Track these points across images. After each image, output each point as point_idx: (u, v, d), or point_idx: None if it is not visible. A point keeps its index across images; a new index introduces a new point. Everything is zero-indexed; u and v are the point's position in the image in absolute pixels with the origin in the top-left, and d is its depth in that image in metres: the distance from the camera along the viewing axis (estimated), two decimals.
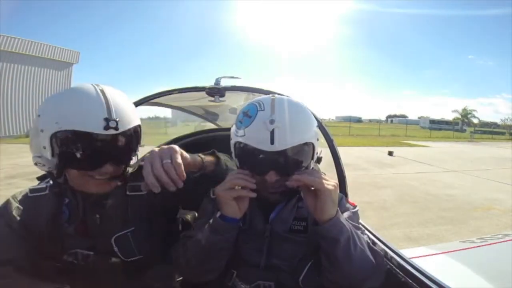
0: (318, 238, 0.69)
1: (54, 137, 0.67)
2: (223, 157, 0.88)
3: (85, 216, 0.77)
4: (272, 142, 0.67)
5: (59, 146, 0.68)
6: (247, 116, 0.71)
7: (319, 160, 0.83)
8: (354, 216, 0.80)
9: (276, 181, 0.71)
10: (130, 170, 0.85)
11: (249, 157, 0.73)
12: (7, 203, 0.77)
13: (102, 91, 0.70)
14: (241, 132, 0.72)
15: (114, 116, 0.68)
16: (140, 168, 0.85)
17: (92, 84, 0.72)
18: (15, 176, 5.87)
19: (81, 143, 0.68)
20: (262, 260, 0.77)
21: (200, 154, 0.81)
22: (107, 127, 0.67)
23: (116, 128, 0.68)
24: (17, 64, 17.60)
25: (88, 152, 0.68)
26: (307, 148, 0.72)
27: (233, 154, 0.79)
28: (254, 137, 0.70)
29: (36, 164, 0.73)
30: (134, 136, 0.76)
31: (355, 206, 0.84)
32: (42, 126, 0.68)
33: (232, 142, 0.77)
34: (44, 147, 0.68)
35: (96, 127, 0.66)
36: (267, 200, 0.78)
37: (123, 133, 0.71)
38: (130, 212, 0.80)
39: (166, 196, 0.84)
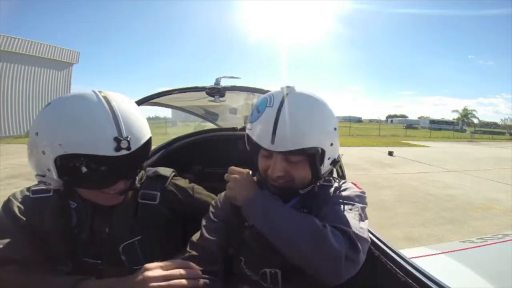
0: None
1: (58, 159, 0.60)
2: None
3: (93, 224, 0.74)
4: (272, 142, 0.67)
5: (66, 169, 0.61)
6: (257, 110, 0.72)
7: (334, 163, 0.78)
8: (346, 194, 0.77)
9: (277, 177, 0.71)
10: (143, 177, 0.83)
11: (254, 150, 0.75)
12: (9, 201, 0.73)
13: (108, 102, 0.61)
14: (249, 125, 0.74)
15: (124, 134, 0.60)
16: (156, 176, 0.82)
17: (94, 92, 0.62)
18: (16, 176, 5.86)
19: (89, 166, 0.60)
20: (268, 250, 0.73)
21: None
22: (118, 148, 0.59)
23: (128, 148, 0.61)
24: (17, 64, 17.63)
25: (99, 173, 0.62)
26: (313, 151, 0.69)
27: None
28: (258, 133, 0.71)
29: (40, 182, 0.66)
30: (146, 150, 0.70)
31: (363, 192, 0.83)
32: (43, 147, 0.60)
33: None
34: (49, 169, 0.61)
35: (105, 150, 0.59)
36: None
37: (135, 151, 0.64)
38: (139, 220, 0.76)
39: (178, 208, 0.83)
